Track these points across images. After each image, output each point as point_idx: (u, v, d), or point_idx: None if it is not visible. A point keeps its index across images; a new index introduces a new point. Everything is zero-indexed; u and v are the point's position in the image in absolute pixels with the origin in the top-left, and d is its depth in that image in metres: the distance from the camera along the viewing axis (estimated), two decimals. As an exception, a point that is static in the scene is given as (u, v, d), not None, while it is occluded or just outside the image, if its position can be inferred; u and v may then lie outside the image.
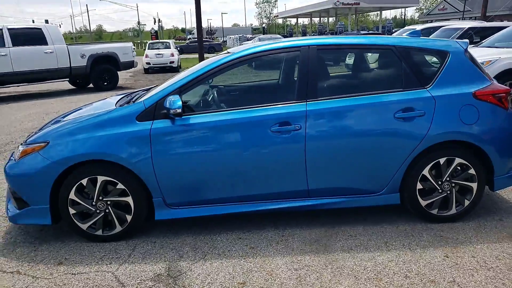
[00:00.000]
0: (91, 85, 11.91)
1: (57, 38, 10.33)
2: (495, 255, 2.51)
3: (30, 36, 9.91)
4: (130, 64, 11.95)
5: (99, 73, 11.30)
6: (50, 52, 10.10)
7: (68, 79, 11.35)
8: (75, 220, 2.75)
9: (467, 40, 3.16)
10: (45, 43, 10.06)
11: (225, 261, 2.56)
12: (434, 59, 2.92)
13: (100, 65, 11.21)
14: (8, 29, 9.62)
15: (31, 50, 9.88)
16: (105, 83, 11.45)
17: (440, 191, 2.88)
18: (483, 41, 7.82)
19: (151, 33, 44.74)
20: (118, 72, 11.75)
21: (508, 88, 2.91)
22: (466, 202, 2.92)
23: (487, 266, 2.40)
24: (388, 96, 2.77)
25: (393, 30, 22.34)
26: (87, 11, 70.07)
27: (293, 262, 2.52)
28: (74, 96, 10.65)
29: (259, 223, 3.05)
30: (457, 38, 8.68)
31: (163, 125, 2.68)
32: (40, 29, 10.14)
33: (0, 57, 9.46)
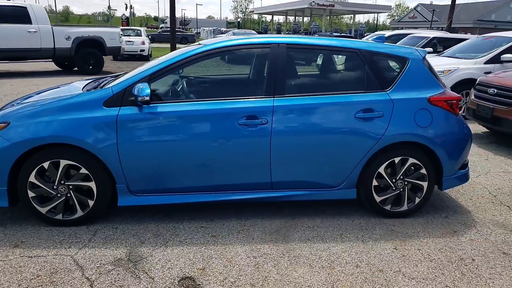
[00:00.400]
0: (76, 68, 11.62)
1: (42, 18, 10.19)
2: (438, 248, 2.73)
3: (15, 14, 9.79)
4: (117, 50, 11.84)
5: (84, 56, 11.07)
6: (34, 32, 9.97)
7: (51, 60, 11.18)
8: (34, 203, 2.70)
9: (426, 49, 3.38)
10: (29, 22, 9.94)
11: (186, 248, 2.61)
12: (395, 64, 3.11)
13: (85, 48, 11.00)
14: None
15: (14, 28, 9.74)
16: (90, 67, 11.26)
17: (394, 188, 3.08)
18: (445, 50, 8.28)
19: (121, 19, 43.25)
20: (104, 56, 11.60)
21: (459, 96, 3.16)
22: (417, 200, 3.13)
23: (430, 258, 2.61)
24: (350, 96, 2.93)
25: (365, 34, 23.07)
26: (55, -10, 66.52)
27: (252, 250, 2.62)
28: (54, 78, 10.21)
29: (222, 213, 3.13)
30: (422, 46, 9.14)
31: (130, 112, 2.68)
32: (25, 7, 10.00)
33: None
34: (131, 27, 21.52)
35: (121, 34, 12.02)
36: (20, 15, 9.80)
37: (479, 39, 7.89)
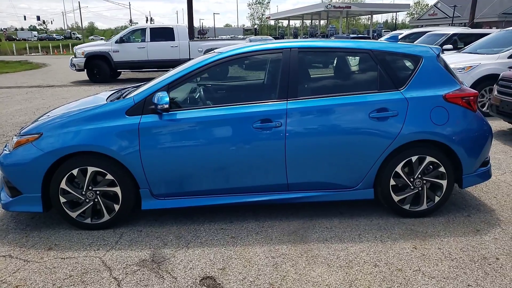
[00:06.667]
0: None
1: (183, 36, 12.92)
2: (459, 247, 2.69)
3: (163, 33, 12.81)
4: None
5: None
6: (176, 47, 12.81)
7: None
8: (65, 209, 2.87)
9: (444, 46, 3.37)
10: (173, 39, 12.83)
11: (207, 249, 2.71)
12: (408, 63, 3.12)
13: None
14: (150, 28, 12.77)
15: (163, 44, 12.75)
16: None
17: (412, 187, 3.06)
18: (465, 46, 8.10)
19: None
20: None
21: (476, 91, 3.12)
22: (437, 199, 3.10)
23: (451, 257, 2.58)
24: (364, 97, 2.96)
25: (382, 34, 22.80)
26: (79, 8, 69.53)
27: (270, 251, 2.68)
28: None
29: (241, 214, 3.22)
30: (442, 44, 8.96)
31: (151, 119, 2.82)
32: (172, 28, 12.89)
33: (140, 49, 12.53)
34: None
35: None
36: (167, 34, 12.80)
37: (502, 33, 7.66)
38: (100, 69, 12.60)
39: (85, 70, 12.64)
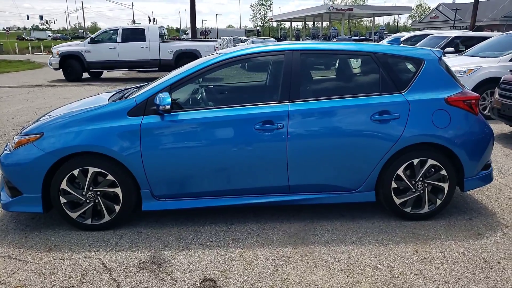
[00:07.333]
0: None
1: (154, 37, 12.81)
2: (461, 251, 2.68)
3: (135, 34, 12.81)
4: None
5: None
6: (146, 47, 12.75)
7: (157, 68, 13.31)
8: (65, 209, 2.87)
9: (446, 49, 3.36)
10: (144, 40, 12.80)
11: (207, 251, 2.70)
12: (410, 66, 3.11)
13: (184, 59, 12.63)
14: (123, 29, 12.78)
15: (133, 44, 12.78)
16: None
17: (414, 190, 3.05)
18: (467, 50, 8.09)
19: (145, 32, 44.63)
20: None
21: (477, 95, 3.11)
22: (438, 202, 3.09)
23: (453, 261, 2.57)
24: (365, 99, 2.95)
25: (384, 36, 22.82)
26: (82, 8, 69.68)
27: (271, 253, 2.67)
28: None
29: (242, 216, 3.21)
30: (443, 47, 8.95)
31: (152, 120, 2.82)
32: (143, 29, 12.95)
33: (112, 49, 12.55)
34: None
35: (217, 47, 13.05)
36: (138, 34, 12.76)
37: (503, 36, 7.66)
38: (73, 68, 12.84)
39: (61, 69, 12.96)
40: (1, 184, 3.08)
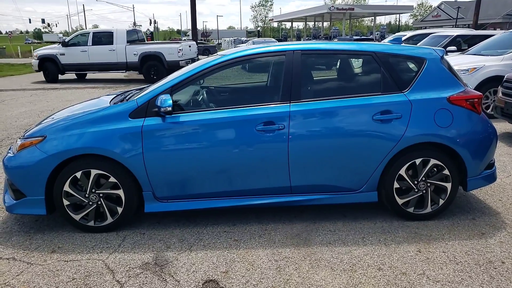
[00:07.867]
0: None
1: (122, 40, 13.04)
2: (464, 251, 2.67)
3: (104, 37, 13.15)
4: (176, 64, 13.15)
5: (148, 68, 13.08)
6: (113, 50, 13.02)
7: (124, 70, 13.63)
8: (68, 211, 2.88)
9: (448, 48, 3.35)
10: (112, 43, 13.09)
11: (210, 252, 2.70)
12: (412, 65, 3.10)
13: (149, 62, 12.96)
14: (93, 32, 13.17)
15: (102, 47, 13.03)
16: (154, 77, 13.14)
17: (416, 190, 3.04)
18: (469, 48, 8.06)
19: (146, 34, 44.88)
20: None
21: (480, 94, 3.10)
22: (441, 201, 3.07)
23: (456, 261, 2.56)
24: (367, 99, 2.94)
25: (386, 36, 22.78)
26: (84, 11, 69.93)
27: (274, 254, 2.67)
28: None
29: (244, 217, 3.21)
30: (445, 45, 8.92)
31: (154, 122, 2.83)
32: (112, 32, 13.18)
33: (83, 52, 12.95)
34: (156, 41, 22.39)
35: (180, 49, 13.16)
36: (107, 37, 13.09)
37: (506, 35, 7.62)
38: (49, 70, 13.27)
39: (41, 71, 13.39)
40: (4, 186, 3.10)
